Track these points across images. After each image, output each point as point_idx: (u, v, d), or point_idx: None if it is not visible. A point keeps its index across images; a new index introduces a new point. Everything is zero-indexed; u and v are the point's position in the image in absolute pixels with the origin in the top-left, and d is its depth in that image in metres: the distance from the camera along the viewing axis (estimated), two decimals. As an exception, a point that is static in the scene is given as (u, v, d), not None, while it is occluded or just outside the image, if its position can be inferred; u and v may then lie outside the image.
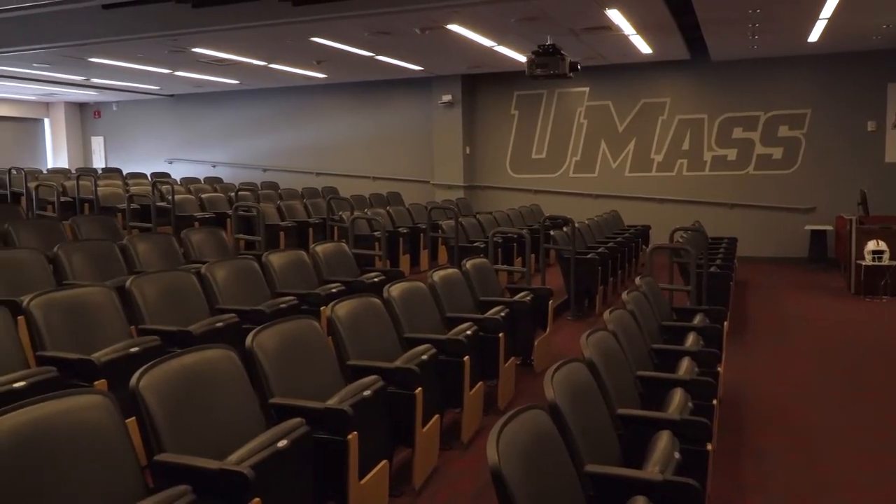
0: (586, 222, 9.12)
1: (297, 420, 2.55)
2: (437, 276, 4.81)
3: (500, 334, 4.34)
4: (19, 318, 3.35)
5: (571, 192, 12.79)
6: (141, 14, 8.27)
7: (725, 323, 4.74)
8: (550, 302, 5.43)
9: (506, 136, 13.26)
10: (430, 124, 13.49)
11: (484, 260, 5.74)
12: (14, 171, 10.33)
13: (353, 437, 2.66)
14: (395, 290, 4.20)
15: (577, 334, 6.09)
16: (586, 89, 12.61)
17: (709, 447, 2.69)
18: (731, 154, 11.87)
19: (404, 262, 8.58)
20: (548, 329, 5.40)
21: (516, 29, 8.78)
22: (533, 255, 7.83)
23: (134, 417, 2.30)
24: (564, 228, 7.89)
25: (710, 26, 8.92)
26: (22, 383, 2.74)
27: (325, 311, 4.13)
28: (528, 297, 5.08)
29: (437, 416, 3.56)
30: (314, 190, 12.32)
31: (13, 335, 3.14)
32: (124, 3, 7.83)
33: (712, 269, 6.76)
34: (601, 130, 12.63)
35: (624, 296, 4.09)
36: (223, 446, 2.36)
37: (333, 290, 4.91)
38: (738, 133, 11.82)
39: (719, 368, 3.82)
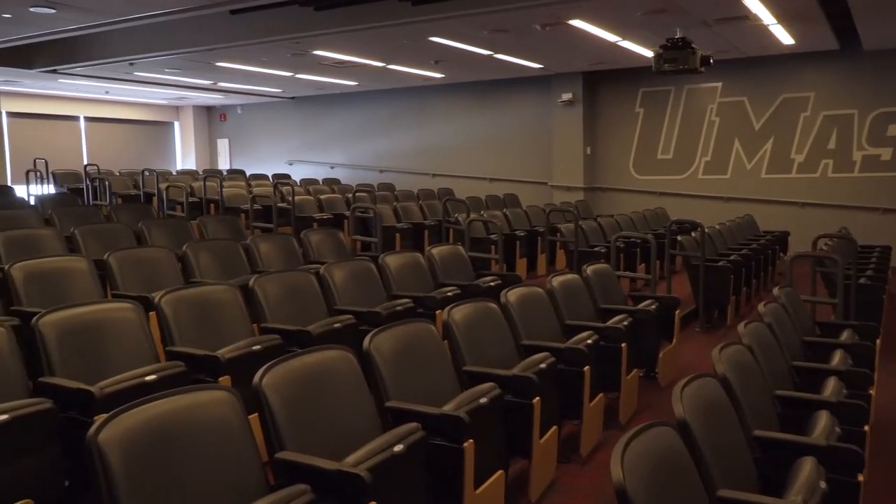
0: (717, 227, 8.74)
1: (413, 425, 2.58)
2: (556, 281, 4.75)
3: (623, 344, 4.23)
4: (151, 313, 3.59)
5: (701, 194, 12.31)
6: (266, 18, 8.69)
7: (878, 340, 4.41)
8: (677, 312, 5.24)
9: (629, 136, 12.95)
10: (549, 124, 13.39)
11: (605, 265, 5.62)
12: (147, 173, 11.12)
13: (469, 444, 2.67)
14: (512, 295, 4.19)
15: (706, 347, 5.89)
16: (719, 84, 12.10)
17: (860, 478, 2.51)
18: (885, 153, 11.04)
19: (521, 266, 8.56)
20: (674, 340, 5.22)
21: (643, 22, 8.56)
22: (658, 262, 7.59)
23: (255, 414, 2.41)
24: (693, 233, 7.61)
25: (862, 12, 8.33)
26: (153, 377, 2.94)
27: (441, 314, 4.18)
28: (653, 306, 4.93)
29: (554, 428, 3.51)
30: (430, 191, 12.51)
31: (146, 330, 3.37)
32: (250, 9, 8.26)
33: (862, 280, 6.30)
34: (735, 128, 12.08)
35: (760, 307, 3.88)
36: (340, 447, 2.43)
37: (449, 294, 4.95)
38: (893, 130, 10.97)
39: (871, 391, 3.55)
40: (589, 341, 3.97)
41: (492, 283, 5.46)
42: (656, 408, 4.64)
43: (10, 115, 14.41)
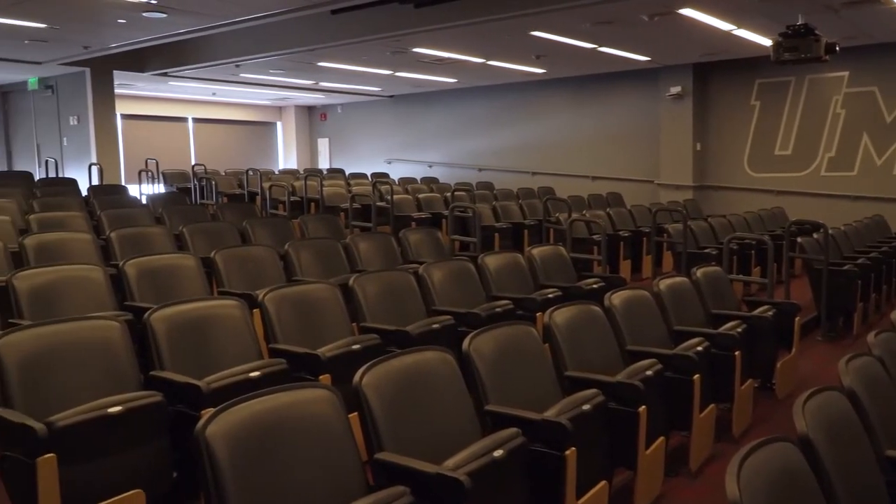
0: (842, 228, 8.27)
1: (513, 430, 2.57)
2: (663, 284, 4.63)
3: (736, 352, 4.07)
4: (254, 310, 3.73)
5: (823, 193, 11.68)
6: (366, 17, 8.88)
7: None
8: (797, 319, 5.00)
9: (744, 131, 12.45)
10: (656, 119, 13.05)
11: (717, 268, 5.43)
12: (251, 173, 11.59)
13: (570, 452, 2.64)
14: (616, 298, 4.11)
15: (829, 358, 5.60)
16: (845, 74, 11.44)
17: None
18: None
19: (625, 267, 8.39)
20: (793, 350, 4.98)
21: (760, 9, 8.21)
22: (775, 265, 7.26)
23: (354, 413, 2.46)
24: (815, 235, 7.23)
25: None
26: (257, 373, 3.05)
27: (542, 317, 4.14)
28: (770, 313, 4.72)
29: (661, 439, 3.42)
30: (530, 190, 12.45)
31: (250, 327, 3.51)
32: (351, 8, 8.46)
33: None
34: (863, 121, 11.39)
35: (893, 315, 3.64)
36: (438, 449, 2.45)
37: (550, 296, 4.91)
38: None
39: None
40: (699, 348, 3.84)
41: (594, 286, 5.37)
42: (773, 421, 4.44)
43: (125, 117, 15.33)
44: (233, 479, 1.98)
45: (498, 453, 2.43)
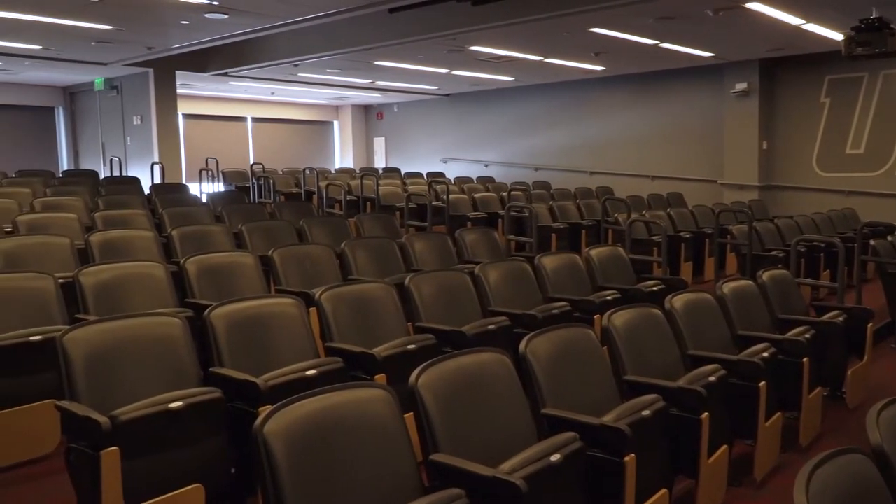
0: (918, 231, 7.96)
1: (570, 434, 2.55)
2: (727, 287, 4.52)
3: (804, 359, 3.95)
4: (311, 309, 3.78)
5: (898, 193, 11.27)
6: (423, 16, 8.92)
7: None
8: (870, 325, 4.83)
9: (812, 129, 12.08)
10: (719, 117, 12.77)
11: (784, 271, 5.29)
12: (307, 171, 11.76)
13: (630, 459, 2.60)
14: (677, 301, 4.03)
15: (905, 366, 5.38)
16: (922, 69, 11.02)
17: None
18: None
19: (686, 270, 8.23)
20: (865, 357, 4.81)
21: (831, 2, 7.95)
22: (846, 269, 7.02)
23: (410, 413, 2.47)
24: (889, 237, 6.97)
25: None
26: (313, 372, 3.09)
27: (600, 319, 4.09)
28: (841, 318, 4.57)
29: (724, 447, 3.34)
30: (588, 190, 12.33)
31: (307, 325, 3.56)
32: (408, 7, 8.51)
33: None
34: (941, 119, 10.95)
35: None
36: (494, 452, 2.45)
37: (608, 298, 4.86)
38: None
39: None
40: (765, 354, 3.74)
41: (654, 288, 5.29)
42: (843, 431, 4.30)
43: (186, 116, 15.73)
44: (290, 477, 2.02)
45: (555, 458, 2.41)
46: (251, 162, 14.88)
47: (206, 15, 8.49)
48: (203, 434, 2.80)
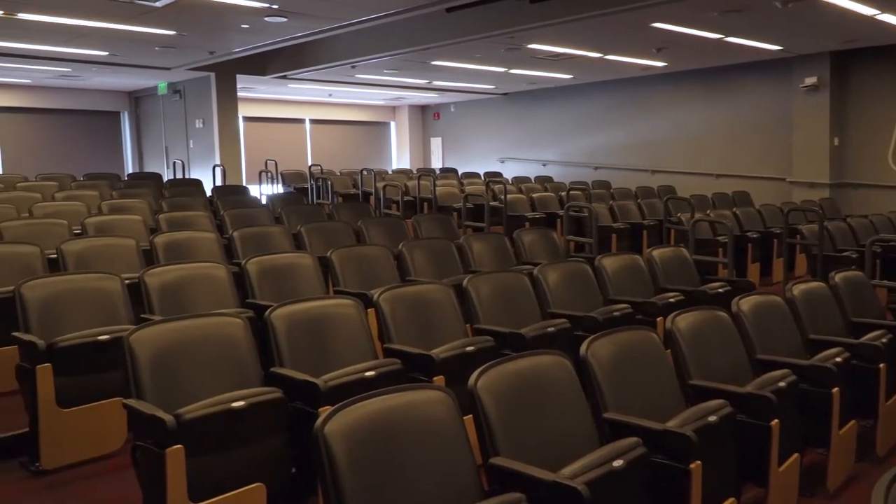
0: None
1: (633, 440, 2.51)
2: (797, 289, 4.39)
3: (881, 364, 3.81)
4: (369, 309, 3.81)
5: (981, 191, 10.78)
6: (481, 14, 8.92)
7: None
8: (952, 330, 4.62)
9: (888, 124, 11.63)
10: (787, 112, 12.41)
11: (858, 273, 5.11)
12: (365, 172, 11.88)
13: (696, 466, 2.55)
14: (745, 303, 3.93)
15: None
16: None
17: None
18: None
19: (753, 271, 8.04)
20: (946, 363, 4.61)
21: (909, -10, 7.66)
22: (925, 270, 6.76)
23: (469, 415, 2.46)
24: (972, 237, 6.67)
25: None
26: (372, 373, 3.12)
27: (663, 322, 4.02)
28: (920, 322, 4.40)
29: (795, 456, 3.24)
30: (649, 189, 12.14)
31: (365, 326, 3.59)
32: (465, 6, 8.51)
33: None
34: None
35: None
36: (554, 456, 2.43)
37: (671, 300, 4.78)
38: None
39: None
40: (838, 359, 3.62)
41: (720, 290, 5.18)
42: (922, 441, 4.13)
43: (246, 119, 16.07)
44: (350, 477, 2.04)
45: (617, 463, 2.37)
46: (309, 163, 15.12)
47: (266, 18, 8.66)
48: (264, 433, 2.85)
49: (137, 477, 2.75)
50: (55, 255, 4.88)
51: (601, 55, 11.42)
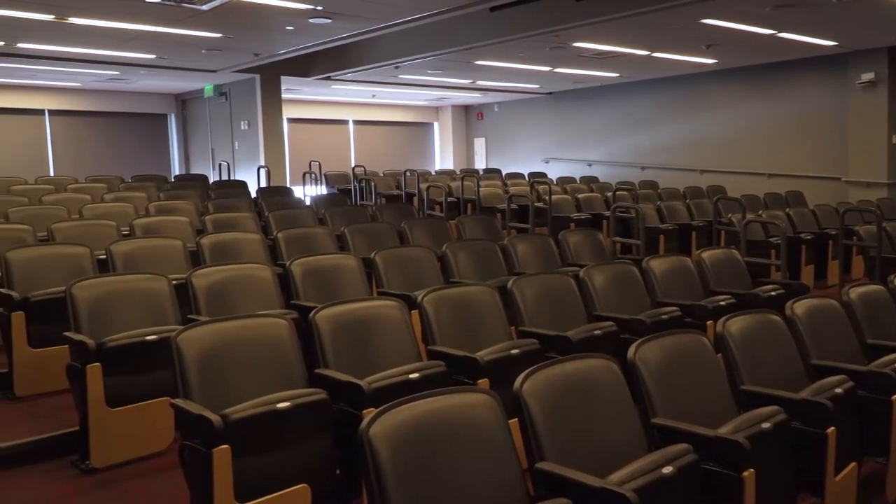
0: None
1: (683, 446, 2.47)
2: (855, 293, 4.28)
3: (944, 372, 3.69)
4: (413, 311, 3.82)
5: None
6: (525, 13, 8.89)
7: None
8: None
9: (951, 120, 11.29)
10: (843, 110, 12.11)
11: (920, 276, 4.95)
12: (408, 173, 11.92)
13: (749, 474, 2.49)
14: (799, 307, 3.85)
15: None
16: None
17: None
18: None
19: (807, 273, 7.86)
20: None
21: (974, -18, 7.42)
22: None
23: (514, 419, 2.45)
24: None
25: None
26: (416, 375, 3.13)
27: (713, 325, 3.96)
28: None
29: (853, 465, 3.16)
30: (698, 189, 11.95)
31: (409, 327, 3.60)
32: (509, 4, 8.49)
33: None
34: None
35: None
36: (601, 462, 2.40)
37: (722, 303, 4.70)
38: None
39: None
40: (898, 365, 3.52)
41: (773, 293, 5.08)
42: None
43: (290, 120, 16.27)
44: (395, 480, 2.04)
45: (667, 470, 2.34)
46: (353, 164, 15.24)
47: (311, 20, 8.75)
48: (309, 435, 2.88)
49: (185, 476, 2.80)
50: (104, 256, 4.99)
51: (649, 53, 11.29)
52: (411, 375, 3.12)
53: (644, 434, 2.70)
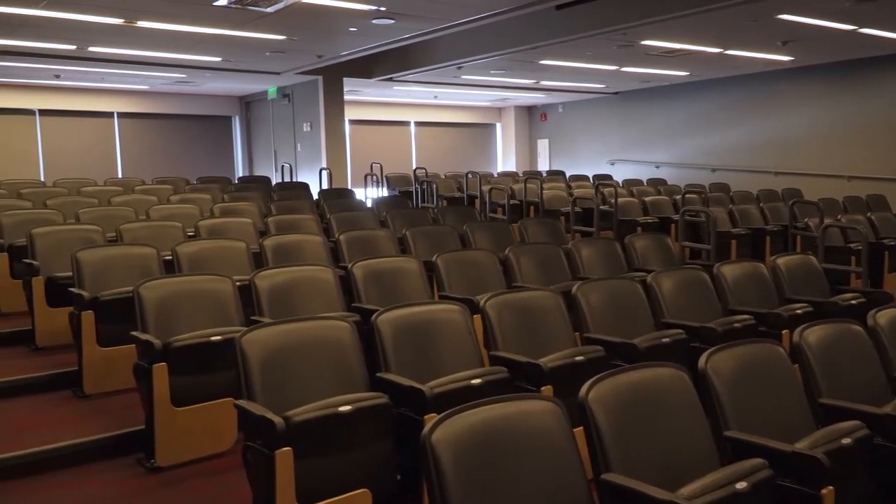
0: None
1: (758, 461, 2.40)
2: (944, 302, 4.11)
3: None
4: (475, 316, 3.82)
5: None
6: (592, 11, 8.81)
7: None
8: None
9: None
10: (931, 108, 11.65)
11: None
12: (470, 175, 11.93)
13: (828, 491, 2.42)
14: (882, 316, 3.71)
15: None
16: None
17: None
18: None
19: (890, 281, 7.56)
20: None
21: None
22: None
23: (579, 428, 2.43)
24: None
25: None
26: (478, 380, 3.13)
27: (789, 335, 3.85)
28: None
29: (941, 485, 3.03)
30: (772, 192, 11.64)
31: (471, 332, 3.60)
32: (576, 2, 8.42)
33: None
34: None
35: None
36: (670, 475, 2.36)
37: (798, 312, 4.57)
38: None
39: None
40: None
41: (853, 302, 4.92)
42: None
43: (352, 122, 16.48)
44: (457, 487, 2.04)
45: (741, 485, 2.28)
46: (414, 166, 15.34)
47: (374, 21, 8.85)
48: (370, 439, 2.91)
49: (248, 477, 2.85)
50: (170, 257, 5.14)
51: (721, 50, 11.06)
52: (473, 381, 3.12)
53: (715, 447, 2.64)
